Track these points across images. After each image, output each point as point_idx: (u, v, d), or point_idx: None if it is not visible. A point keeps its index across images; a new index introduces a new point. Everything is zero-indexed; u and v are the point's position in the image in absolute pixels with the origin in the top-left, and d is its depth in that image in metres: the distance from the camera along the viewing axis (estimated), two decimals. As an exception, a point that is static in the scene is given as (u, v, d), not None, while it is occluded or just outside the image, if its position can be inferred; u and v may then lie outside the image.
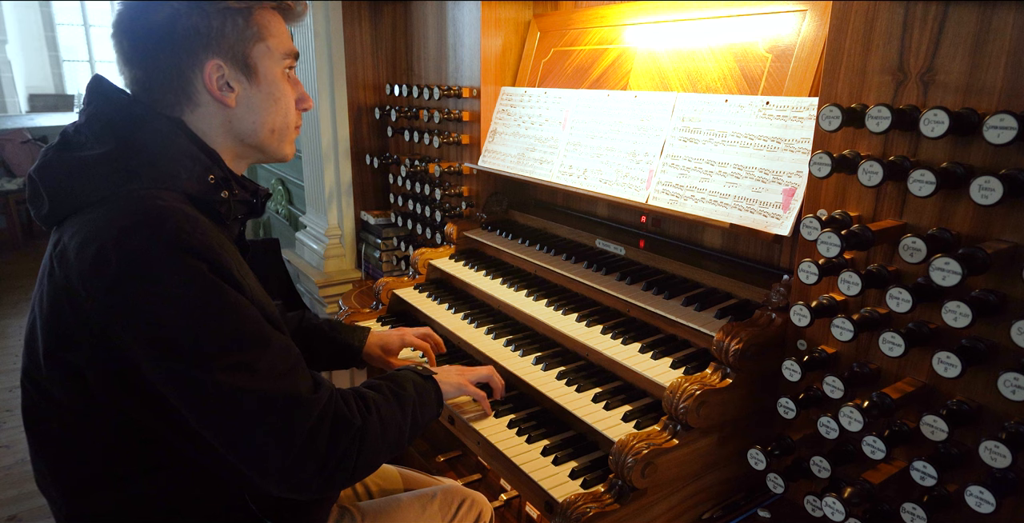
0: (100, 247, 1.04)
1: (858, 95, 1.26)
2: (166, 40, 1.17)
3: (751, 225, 1.54)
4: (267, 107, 1.27)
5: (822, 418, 1.24)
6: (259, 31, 1.23)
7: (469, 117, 2.51)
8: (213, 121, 1.23)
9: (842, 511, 1.20)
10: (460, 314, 2.09)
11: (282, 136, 1.32)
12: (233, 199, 1.24)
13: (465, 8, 2.42)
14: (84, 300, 1.06)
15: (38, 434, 1.22)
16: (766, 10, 1.67)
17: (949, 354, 1.07)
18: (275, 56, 1.26)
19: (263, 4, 1.24)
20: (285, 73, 1.29)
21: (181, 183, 1.15)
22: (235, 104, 1.23)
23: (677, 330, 1.69)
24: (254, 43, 1.22)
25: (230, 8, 1.19)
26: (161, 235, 1.05)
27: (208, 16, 1.17)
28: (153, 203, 1.08)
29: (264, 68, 1.25)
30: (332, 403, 1.15)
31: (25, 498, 2.93)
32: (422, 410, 1.36)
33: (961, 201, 1.13)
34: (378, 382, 1.34)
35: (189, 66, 1.18)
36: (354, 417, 1.17)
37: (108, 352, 1.07)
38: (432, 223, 2.71)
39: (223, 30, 1.19)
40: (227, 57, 1.20)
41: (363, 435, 1.17)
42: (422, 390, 1.39)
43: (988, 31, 1.07)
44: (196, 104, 1.21)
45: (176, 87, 1.20)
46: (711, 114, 1.71)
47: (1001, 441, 1.02)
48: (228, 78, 1.21)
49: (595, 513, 1.29)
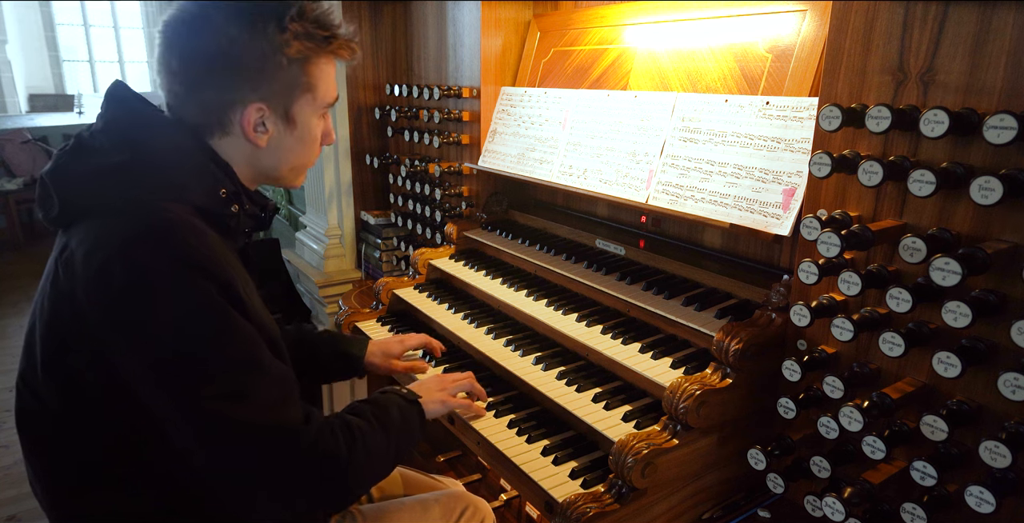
0: (106, 258, 1.03)
1: (858, 95, 1.26)
2: (217, 70, 1.15)
3: (751, 225, 1.54)
4: (295, 149, 1.27)
5: (822, 418, 1.24)
6: (309, 81, 1.21)
7: (469, 117, 2.51)
8: (238, 151, 1.23)
9: (842, 511, 1.20)
10: (460, 314, 2.09)
11: (299, 171, 1.33)
12: (243, 213, 1.23)
13: (465, 8, 2.42)
14: (86, 309, 1.05)
15: (30, 437, 1.21)
16: (766, 10, 1.67)
17: (949, 354, 1.07)
18: (317, 105, 1.26)
19: (321, 53, 1.21)
20: (320, 115, 1.29)
21: (191, 195, 1.14)
22: (265, 145, 1.23)
23: (677, 330, 1.69)
24: (301, 93, 1.22)
25: (289, 56, 1.16)
26: (168, 249, 1.04)
27: (264, 58, 1.15)
28: (162, 215, 1.07)
29: (303, 117, 1.25)
30: (321, 436, 1.14)
31: (25, 498, 2.93)
32: (407, 435, 1.35)
33: (961, 201, 1.13)
34: (362, 407, 1.32)
35: (231, 102, 1.17)
36: (340, 449, 1.15)
37: (104, 363, 1.07)
38: (432, 223, 2.71)
39: (275, 75, 1.17)
40: (271, 102, 1.19)
41: (349, 466, 1.16)
42: (407, 414, 1.38)
43: (988, 31, 1.07)
44: (226, 133, 1.21)
45: (212, 115, 1.19)
46: (711, 114, 1.71)
47: (1001, 441, 1.02)
48: (266, 120, 1.20)
49: (595, 513, 1.29)
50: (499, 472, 1.58)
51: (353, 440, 1.19)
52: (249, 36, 1.13)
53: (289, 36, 1.16)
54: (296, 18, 1.17)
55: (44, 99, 10.30)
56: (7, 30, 9.80)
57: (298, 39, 1.17)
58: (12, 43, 9.93)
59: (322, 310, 3.34)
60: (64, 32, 10.81)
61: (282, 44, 1.15)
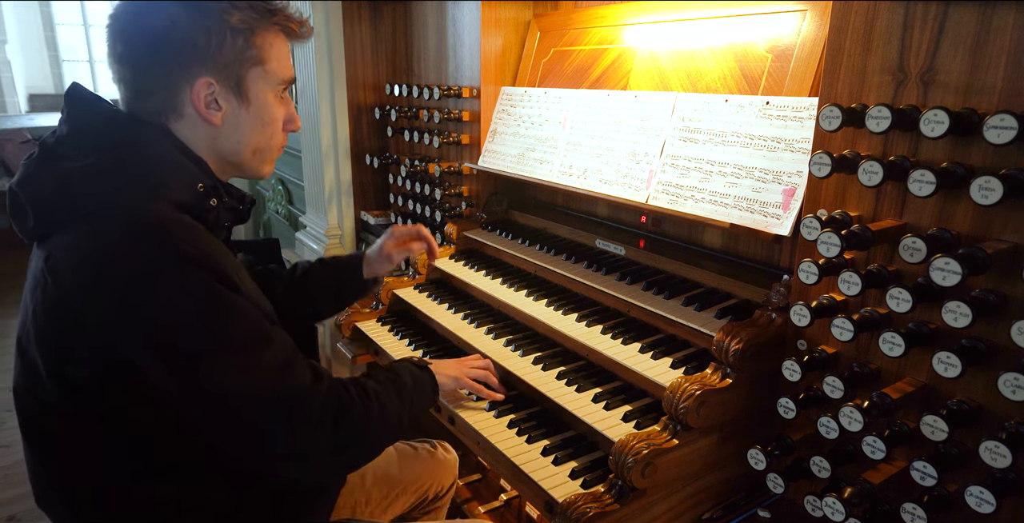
0: (100, 263, 1.03)
1: (858, 95, 1.26)
2: (160, 48, 1.14)
3: (751, 225, 1.54)
4: (254, 129, 1.25)
5: (822, 418, 1.24)
6: (258, 54, 1.20)
7: (469, 117, 2.51)
8: (196, 134, 1.21)
9: (842, 511, 1.20)
10: (460, 314, 2.09)
11: (264, 156, 1.30)
12: (222, 207, 1.23)
13: (465, 8, 2.42)
14: (86, 315, 1.05)
15: (41, 445, 1.20)
16: (766, 10, 1.67)
17: (949, 354, 1.07)
18: (271, 80, 1.24)
19: (267, 25, 1.21)
20: (278, 95, 1.27)
21: (170, 192, 1.12)
22: (220, 123, 1.21)
23: (677, 330, 1.69)
24: (251, 66, 1.20)
25: (232, 27, 1.16)
26: (160, 247, 1.04)
27: (208, 32, 1.14)
28: (148, 215, 1.06)
29: (257, 91, 1.23)
30: (333, 391, 1.19)
31: (25, 498, 2.92)
32: (419, 399, 1.41)
33: (961, 201, 1.13)
34: (376, 372, 1.39)
35: (179, 78, 1.16)
36: (354, 405, 1.21)
37: (111, 362, 1.07)
38: (432, 223, 2.71)
39: (221, 48, 1.16)
40: (220, 76, 1.17)
41: (364, 421, 1.21)
42: (418, 379, 1.44)
43: (988, 31, 1.07)
44: (180, 115, 1.19)
45: (163, 95, 1.17)
46: (711, 114, 1.71)
47: (1001, 441, 1.02)
48: (217, 96, 1.19)
49: (595, 513, 1.29)
50: (499, 472, 1.58)
51: (368, 398, 1.24)
52: (190, 12, 1.13)
53: (229, 6, 1.15)
54: None
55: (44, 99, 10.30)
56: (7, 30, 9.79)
57: (239, 10, 1.16)
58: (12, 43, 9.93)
59: (322, 310, 3.34)
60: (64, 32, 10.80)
61: (223, 14, 1.15)
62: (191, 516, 1.20)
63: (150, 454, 1.15)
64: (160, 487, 1.17)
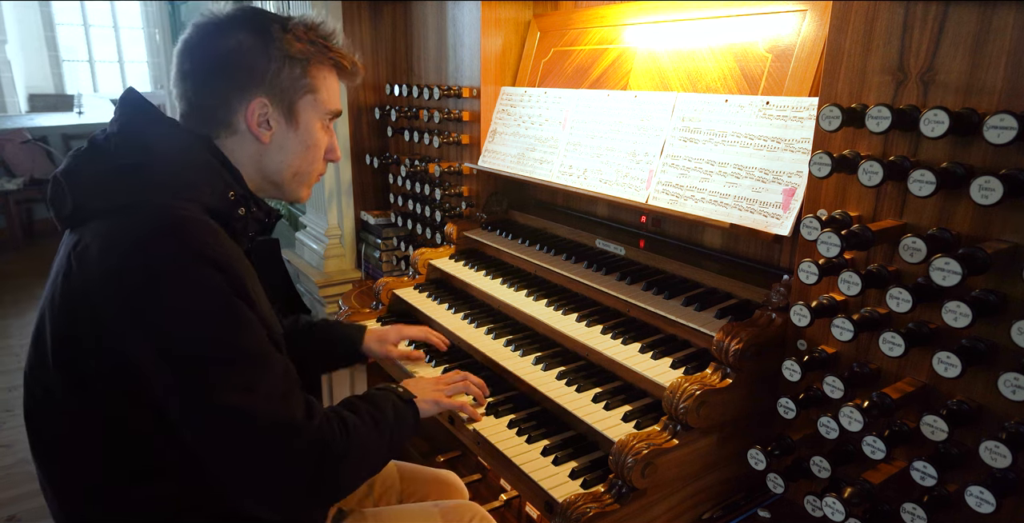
0: (123, 254, 1.07)
1: (858, 95, 1.26)
2: (224, 68, 1.24)
3: (751, 225, 1.54)
4: (297, 151, 1.34)
5: (822, 418, 1.24)
6: (311, 83, 1.31)
7: (469, 117, 2.51)
8: (244, 150, 1.30)
9: (842, 511, 1.20)
10: (460, 314, 2.09)
11: (303, 180, 1.39)
12: (249, 216, 1.29)
13: (465, 8, 2.42)
14: (100, 305, 1.07)
15: (40, 434, 1.22)
16: (766, 10, 1.67)
17: (949, 354, 1.07)
18: (320, 109, 1.34)
19: (322, 59, 1.31)
20: (324, 124, 1.37)
21: (203, 196, 1.19)
22: (269, 141, 1.30)
23: (677, 330, 1.69)
24: (304, 93, 1.31)
25: (291, 56, 1.27)
26: (183, 245, 1.08)
27: (269, 59, 1.25)
28: (176, 213, 1.12)
29: (306, 117, 1.32)
30: (321, 429, 1.17)
31: (25, 498, 2.92)
32: (399, 433, 1.37)
33: (961, 201, 1.13)
34: (357, 403, 1.34)
35: (237, 97, 1.25)
36: (335, 441, 1.18)
37: (116, 358, 1.08)
38: (432, 223, 2.71)
39: (279, 74, 1.26)
40: (275, 98, 1.27)
41: (342, 460, 1.19)
42: (401, 412, 1.40)
43: (988, 31, 1.07)
44: (233, 131, 1.28)
45: (219, 111, 1.26)
46: (711, 114, 1.71)
47: (1001, 441, 1.02)
48: (270, 116, 1.28)
49: (595, 513, 1.29)
50: (499, 472, 1.58)
51: (348, 435, 1.22)
52: (256, 38, 1.25)
53: (292, 38, 1.27)
54: (299, 24, 1.30)
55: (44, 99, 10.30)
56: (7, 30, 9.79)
57: (300, 41, 1.28)
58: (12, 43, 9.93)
59: (322, 310, 3.34)
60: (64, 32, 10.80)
61: (286, 44, 1.26)
62: (191, 516, 1.20)
63: (140, 457, 1.15)
64: (160, 487, 1.17)
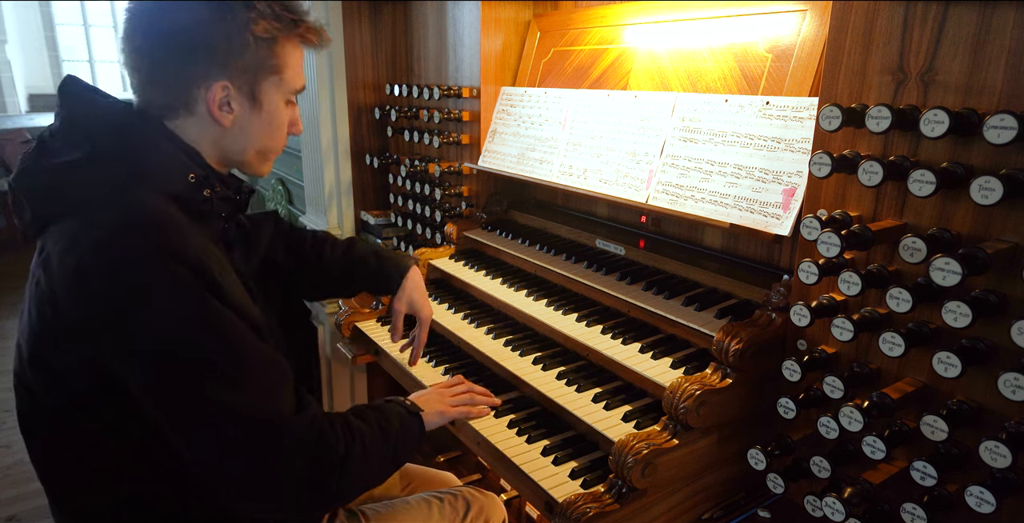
0: (81, 256, 1.02)
1: (858, 95, 1.26)
2: (182, 47, 1.14)
3: (751, 225, 1.54)
4: (261, 132, 1.26)
5: (822, 418, 1.24)
6: (276, 63, 1.21)
7: (469, 117, 2.51)
8: (203, 132, 1.22)
9: (842, 511, 1.20)
10: (460, 314, 2.09)
11: (265, 157, 1.31)
12: (216, 197, 1.21)
13: (465, 8, 2.42)
14: (66, 309, 1.04)
15: (33, 439, 1.21)
16: (766, 10, 1.67)
17: (949, 354, 1.07)
18: (284, 89, 1.25)
19: (289, 34, 1.21)
20: (286, 100, 1.29)
21: (161, 183, 1.12)
22: (230, 125, 1.22)
23: (677, 330, 1.69)
24: (267, 74, 1.21)
25: (256, 35, 1.16)
26: (144, 242, 1.03)
27: (231, 36, 1.14)
28: (135, 208, 1.06)
29: (269, 98, 1.24)
30: (315, 425, 1.13)
31: (25, 498, 2.93)
32: (404, 445, 1.35)
33: (961, 201, 1.13)
34: (366, 412, 1.32)
35: (196, 78, 1.16)
36: (338, 443, 1.15)
37: (90, 361, 1.06)
38: (432, 223, 2.71)
39: (243, 55, 1.16)
40: (237, 81, 1.18)
41: (345, 462, 1.15)
42: (407, 425, 1.37)
43: (988, 31, 1.07)
44: (191, 113, 1.19)
45: (177, 93, 1.17)
46: (711, 114, 1.71)
47: (1001, 441, 1.02)
48: (231, 99, 1.19)
49: (595, 513, 1.29)
50: (499, 472, 1.58)
51: (352, 440, 1.19)
52: (216, 13, 1.13)
53: (256, 15, 1.16)
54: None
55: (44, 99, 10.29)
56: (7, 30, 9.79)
57: (265, 18, 1.17)
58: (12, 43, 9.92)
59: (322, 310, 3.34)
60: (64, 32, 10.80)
61: (249, 22, 1.15)
62: (190, 516, 1.20)
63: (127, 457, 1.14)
64: (158, 487, 1.16)
